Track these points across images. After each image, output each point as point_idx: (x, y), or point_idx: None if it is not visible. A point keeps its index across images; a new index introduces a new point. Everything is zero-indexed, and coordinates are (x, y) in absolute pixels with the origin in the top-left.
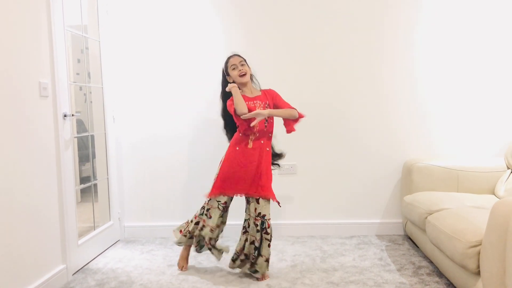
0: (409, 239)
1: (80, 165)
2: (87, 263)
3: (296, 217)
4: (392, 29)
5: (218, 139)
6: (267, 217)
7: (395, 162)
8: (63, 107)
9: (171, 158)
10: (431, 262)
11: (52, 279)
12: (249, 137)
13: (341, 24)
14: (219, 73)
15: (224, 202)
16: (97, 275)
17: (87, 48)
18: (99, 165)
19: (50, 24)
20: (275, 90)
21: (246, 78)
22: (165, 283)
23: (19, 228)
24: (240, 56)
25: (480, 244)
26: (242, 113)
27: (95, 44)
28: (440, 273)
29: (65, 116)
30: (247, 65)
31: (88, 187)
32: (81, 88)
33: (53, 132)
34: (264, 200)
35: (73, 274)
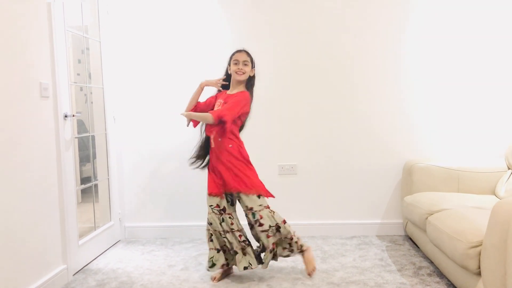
0: (409, 239)
1: (80, 165)
2: (88, 264)
3: (297, 217)
4: (394, 29)
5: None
6: (255, 209)
7: (396, 163)
8: (63, 107)
9: (172, 159)
10: (431, 262)
11: (53, 280)
12: (210, 137)
13: (347, 21)
14: (220, 74)
15: (216, 205)
16: (97, 276)
17: (87, 49)
18: (99, 165)
19: (51, 25)
20: (246, 94)
21: (242, 77)
22: (165, 284)
23: (19, 228)
24: (248, 54)
25: (481, 245)
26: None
27: (95, 45)
28: (440, 274)
29: (66, 116)
30: (251, 66)
31: (88, 187)
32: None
33: (53, 133)
34: (243, 194)
35: (73, 275)
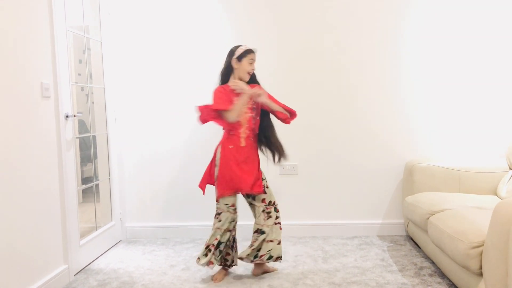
0: (411, 239)
1: (82, 165)
2: (89, 264)
3: (298, 217)
4: (396, 29)
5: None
6: (276, 202)
7: (397, 163)
8: (65, 107)
9: (173, 159)
10: (433, 262)
11: (54, 280)
12: (239, 135)
13: (349, 24)
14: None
15: (232, 204)
16: (99, 276)
17: (89, 49)
18: (100, 165)
19: (52, 25)
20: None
21: (248, 78)
22: (166, 284)
23: (21, 228)
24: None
25: (482, 245)
26: (232, 121)
27: (97, 45)
28: (442, 274)
29: (67, 116)
30: None
31: (90, 187)
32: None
33: (55, 133)
34: (258, 194)
35: (75, 275)
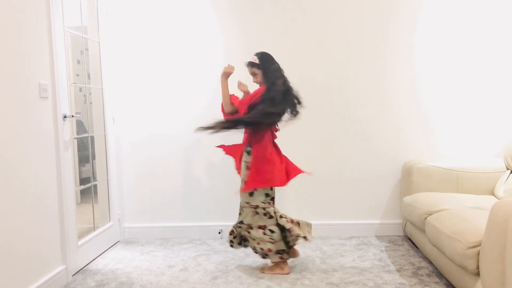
0: (408, 239)
1: (80, 166)
2: (87, 264)
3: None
4: (394, 30)
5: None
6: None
7: (395, 163)
8: (63, 108)
9: (171, 159)
10: (430, 262)
11: (52, 280)
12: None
13: (344, 25)
14: (217, 73)
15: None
16: (97, 276)
17: (87, 49)
18: (99, 166)
19: (50, 25)
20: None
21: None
22: (165, 284)
23: (19, 229)
24: (251, 65)
25: (480, 245)
26: (227, 111)
27: (95, 45)
28: (439, 274)
29: (65, 117)
30: (260, 72)
31: (88, 188)
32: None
33: (53, 133)
34: None
35: (73, 275)
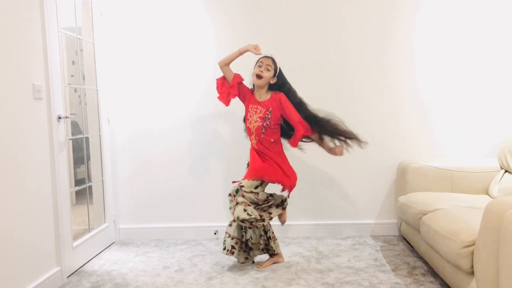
0: (403, 239)
1: (75, 167)
2: (82, 266)
3: (291, 218)
4: (393, 30)
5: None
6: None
7: (390, 163)
8: (57, 109)
9: (166, 160)
10: (425, 262)
11: (47, 282)
12: (251, 141)
13: (343, 23)
14: (211, 73)
15: None
16: (92, 278)
17: (81, 50)
18: (94, 167)
19: (44, 26)
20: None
21: (259, 82)
22: (160, 285)
23: (13, 230)
24: (273, 62)
25: (474, 244)
26: (220, 64)
27: (89, 46)
28: (434, 273)
29: (60, 118)
30: (273, 73)
31: (83, 189)
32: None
33: (47, 134)
34: None
35: (67, 277)
